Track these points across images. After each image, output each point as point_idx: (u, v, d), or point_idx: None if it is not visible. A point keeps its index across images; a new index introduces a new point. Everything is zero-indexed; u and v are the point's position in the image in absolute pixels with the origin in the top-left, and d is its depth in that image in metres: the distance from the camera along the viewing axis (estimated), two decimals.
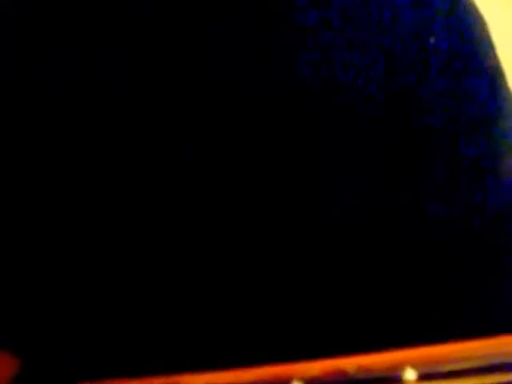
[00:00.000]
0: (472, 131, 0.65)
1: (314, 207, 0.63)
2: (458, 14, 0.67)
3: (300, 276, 0.62)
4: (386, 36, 0.65)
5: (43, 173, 0.62)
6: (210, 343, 0.61)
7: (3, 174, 0.63)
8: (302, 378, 0.46)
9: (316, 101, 0.63)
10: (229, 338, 0.61)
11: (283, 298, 0.62)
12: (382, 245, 0.63)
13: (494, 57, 0.67)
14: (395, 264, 0.63)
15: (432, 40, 0.65)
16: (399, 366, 0.46)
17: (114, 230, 0.62)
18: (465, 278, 0.63)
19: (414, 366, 0.46)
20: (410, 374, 0.46)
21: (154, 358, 0.60)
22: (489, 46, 0.67)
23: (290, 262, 0.62)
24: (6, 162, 0.63)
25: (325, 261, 0.62)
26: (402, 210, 0.64)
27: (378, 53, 0.64)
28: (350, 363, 0.46)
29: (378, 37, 0.65)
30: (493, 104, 0.66)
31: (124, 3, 0.64)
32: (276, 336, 0.61)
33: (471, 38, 0.67)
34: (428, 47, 0.65)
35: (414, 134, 0.64)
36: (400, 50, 0.65)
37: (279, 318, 0.61)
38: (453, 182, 0.64)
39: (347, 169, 0.63)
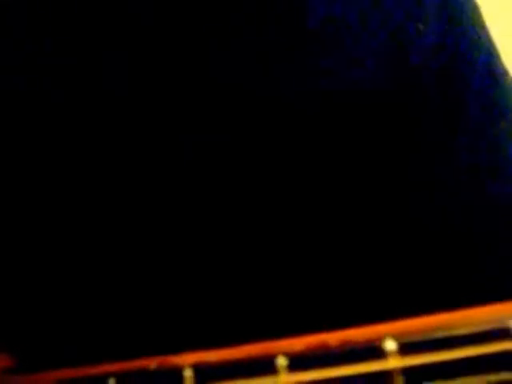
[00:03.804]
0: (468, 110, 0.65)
1: (313, 207, 0.63)
2: None
3: (281, 254, 0.62)
4: (384, 25, 0.65)
5: (42, 173, 0.63)
6: (193, 323, 0.61)
7: (3, 174, 0.64)
8: (286, 354, 0.46)
9: (317, 101, 0.63)
10: (211, 318, 0.61)
11: (265, 277, 0.62)
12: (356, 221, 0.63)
13: (488, 37, 0.68)
14: (375, 239, 0.63)
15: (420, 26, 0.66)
16: (381, 338, 0.46)
17: (112, 227, 0.62)
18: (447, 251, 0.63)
19: (396, 336, 0.46)
20: (390, 345, 0.46)
21: (141, 340, 0.60)
22: (481, 24, 0.68)
23: (273, 243, 0.62)
24: (5, 162, 0.64)
25: (308, 237, 0.62)
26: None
27: (377, 46, 0.65)
28: (332, 337, 0.46)
29: (374, 31, 0.65)
30: (490, 80, 0.66)
31: (124, 3, 0.65)
32: (259, 314, 0.61)
33: (462, 19, 0.67)
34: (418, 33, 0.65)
35: (410, 114, 0.65)
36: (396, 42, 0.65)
37: (262, 296, 0.62)
38: (449, 158, 0.64)
39: (347, 168, 0.63)
